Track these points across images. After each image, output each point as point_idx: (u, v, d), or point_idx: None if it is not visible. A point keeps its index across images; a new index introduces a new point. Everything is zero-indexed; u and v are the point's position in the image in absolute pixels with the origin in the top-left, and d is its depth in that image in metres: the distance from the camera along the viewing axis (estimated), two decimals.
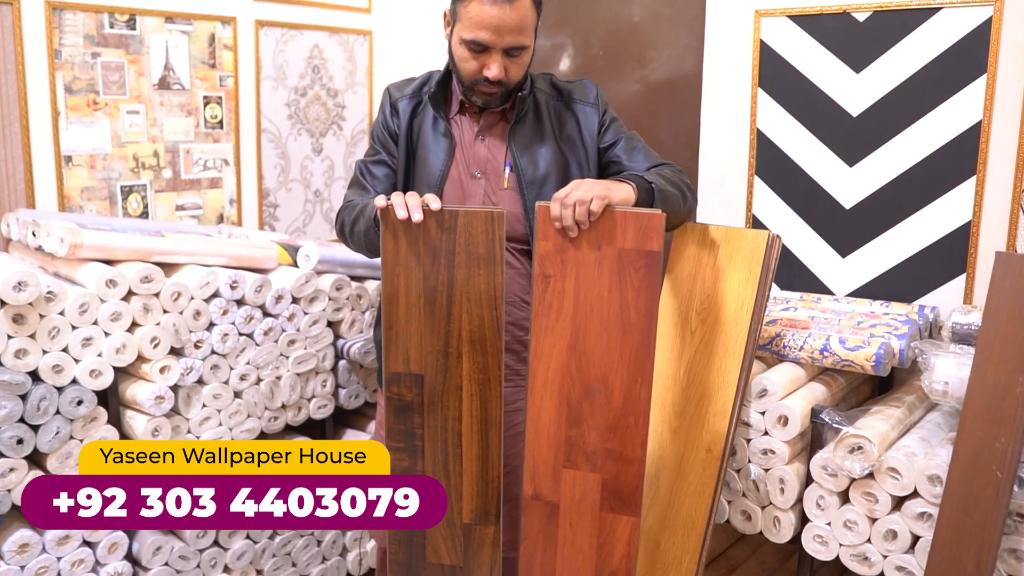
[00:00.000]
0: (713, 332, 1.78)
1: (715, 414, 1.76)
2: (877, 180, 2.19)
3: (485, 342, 1.48)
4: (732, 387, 1.75)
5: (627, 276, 1.43)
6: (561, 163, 1.75)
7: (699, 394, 1.78)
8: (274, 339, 2.35)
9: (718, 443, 1.76)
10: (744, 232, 1.80)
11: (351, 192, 1.78)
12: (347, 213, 1.70)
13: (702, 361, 1.79)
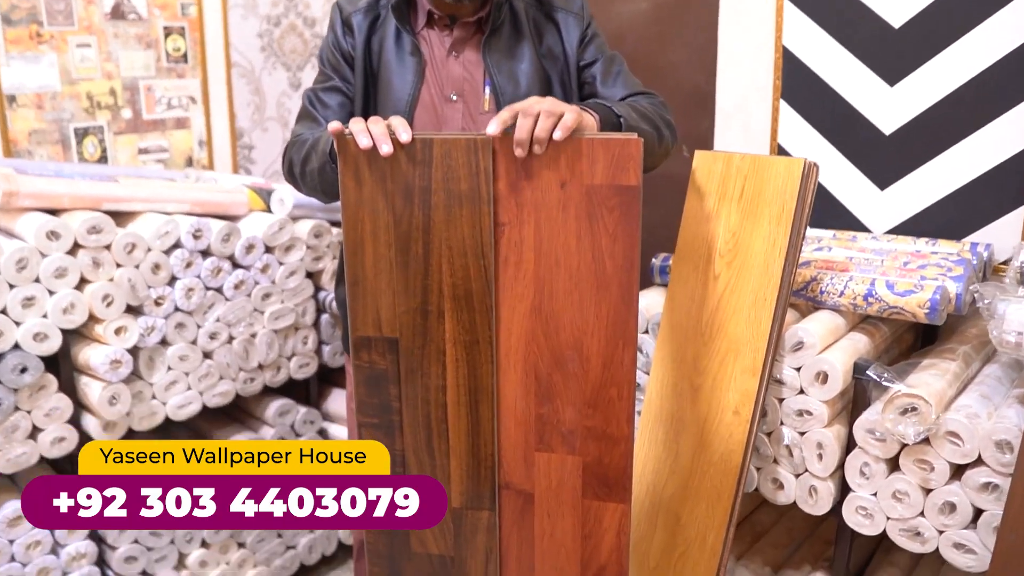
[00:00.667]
0: (740, 278, 1.55)
1: (743, 371, 1.53)
2: (922, 101, 1.91)
3: (471, 297, 1.24)
4: (763, 340, 1.52)
5: (599, 219, 1.19)
6: (542, 79, 1.49)
7: (724, 349, 1.56)
8: (246, 293, 2.12)
9: (747, 404, 1.53)
10: (775, 160, 1.55)
11: (299, 126, 1.52)
12: (295, 150, 1.44)
13: (727, 311, 1.56)
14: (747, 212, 1.56)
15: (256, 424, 2.29)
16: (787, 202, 1.52)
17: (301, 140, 1.43)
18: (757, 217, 1.55)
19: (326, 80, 1.51)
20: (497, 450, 1.31)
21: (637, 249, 1.20)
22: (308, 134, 1.45)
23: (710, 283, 1.58)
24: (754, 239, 1.55)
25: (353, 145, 1.20)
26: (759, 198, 1.55)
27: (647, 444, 1.63)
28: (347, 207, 1.24)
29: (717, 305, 1.57)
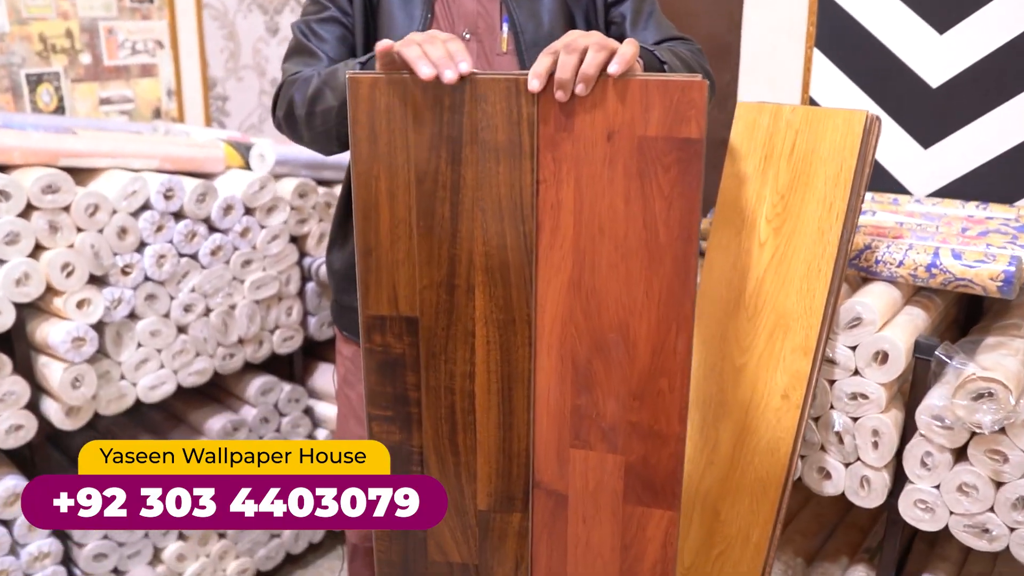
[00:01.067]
0: (790, 244, 1.38)
1: (794, 350, 1.37)
2: (974, 51, 1.74)
3: (507, 269, 1.05)
4: (817, 316, 1.35)
5: (652, 178, 1.00)
6: (566, 17, 1.31)
7: (772, 324, 1.39)
8: (224, 260, 1.91)
9: (798, 388, 1.37)
10: (832, 112, 1.38)
11: (293, 63, 1.29)
12: (298, 88, 1.22)
13: (775, 282, 1.39)
14: (799, 171, 1.38)
15: (236, 404, 2.09)
16: (846, 160, 1.35)
17: (304, 76, 1.22)
18: (811, 177, 1.37)
19: (321, 9, 1.29)
20: (532, 445, 1.13)
21: (697, 216, 1.02)
22: (310, 70, 1.23)
23: (755, 251, 1.41)
24: (807, 202, 1.37)
25: (367, 85, 1.00)
26: (813, 155, 1.37)
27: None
28: (358, 162, 1.04)
29: (763, 275, 1.40)
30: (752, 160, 1.42)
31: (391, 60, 1.00)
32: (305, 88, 1.19)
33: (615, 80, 0.97)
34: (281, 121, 1.26)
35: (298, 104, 1.20)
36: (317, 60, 1.26)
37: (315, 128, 1.19)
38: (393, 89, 1.01)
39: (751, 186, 1.41)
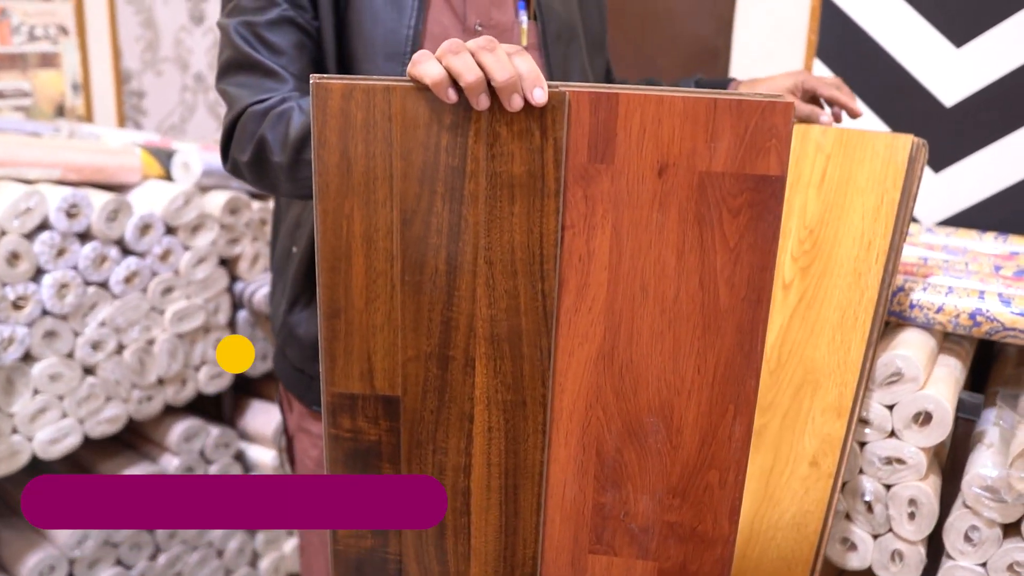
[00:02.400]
0: (821, 288, 1.19)
1: (825, 410, 1.18)
2: (995, 67, 1.59)
3: (519, 338, 0.82)
4: (853, 372, 1.17)
5: (716, 225, 0.79)
6: (578, 9, 1.10)
7: (799, 380, 1.19)
8: (141, 288, 1.62)
9: (829, 454, 1.18)
10: (873, 137, 1.20)
11: (241, 87, 0.99)
12: (270, 127, 0.93)
13: (803, 330, 1.20)
14: (831, 203, 1.20)
15: (155, 452, 1.80)
16: (888, 192, 1.17)
17: (277, 110, 0.93)
18: (845, 210, 1.19)
19: (266, 6, 0.99)
20: (540, 552, 0.90)
21: (771, 273, 0.80)
22: (277, 98, 0.95)
23: (778, 293, 1.22)
24: (841, 239, 1.19)
25: (338, 94, 0.75)
26: (848, 185, 1.19)
27: None
28: (325, 196, 0.79)
29: (788, 323, 1.21)
30: None
31: (326, 87, 0.75)
32: (283, 127, 0.92)
33: (673, 99, 0.75)
34: (243, 167, 0.97)
35: (274, 148, 0.93)
36: (277, 80, 0.97)
37: (301, 180, 0.93)
38: (373, 100, 0.77)
39: None
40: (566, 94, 0.75)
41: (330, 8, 0.99)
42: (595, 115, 0.76)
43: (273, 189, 0.99)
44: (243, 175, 1.00)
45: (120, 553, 1.71)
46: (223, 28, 1.02)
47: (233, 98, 1.00)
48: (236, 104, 0.99)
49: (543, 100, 0.73)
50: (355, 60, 1.02)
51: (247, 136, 0.96)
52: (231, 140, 0.99)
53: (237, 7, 1.02)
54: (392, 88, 0.77)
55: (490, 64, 0.71)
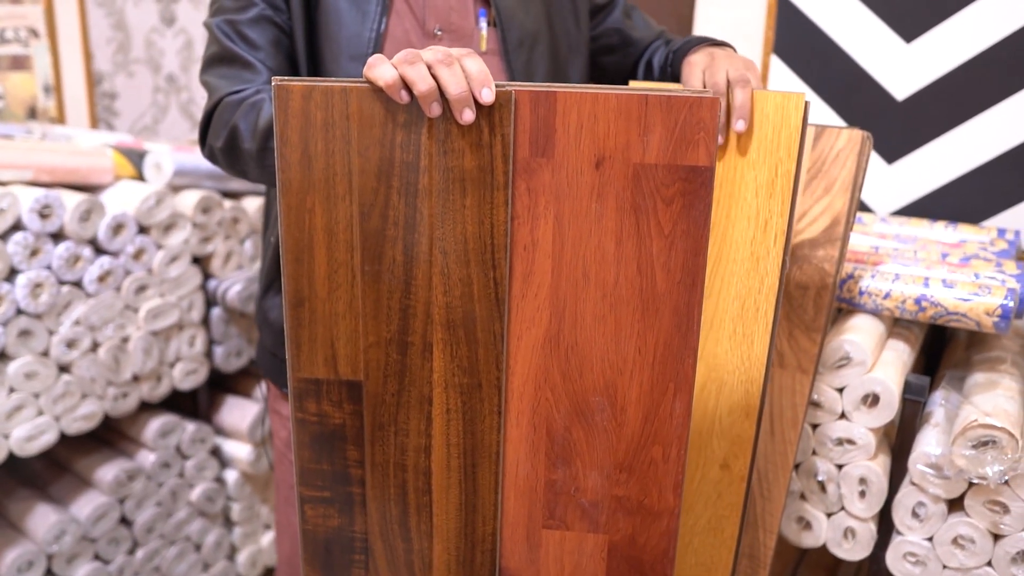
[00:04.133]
0: (716, 275, 1.08)
1: (732, 410, 1.11)
2: (944, 62, 1.64)
3: (473, 324, 0.86)
4: (759, 367, 1.09)
5: (651, 214, 0.83)
6: (547, 16, 1.14)
7: (701, 379, 1.12)
8: (115, 286, 1.65)
9: (740, 456, 1.12)
10: (762, 97, 1.03)
11: (221, 78, 1.06)
12: (243, 116, 1.00)
13: (705, 321, 1.10)
14: (719, 179, 1.06)
15: (132, 448, 1.83)
16: (783, 162, 1.03)
17: (251, 100, 0.99)
18: (736, 186, 1.06)
19: (246, 6, 1.06)
20: (500, 528, 0.95)
21: (704, 258, 0.85)
22: (252, 89, 1.01)
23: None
24: (734, 219, 1.07)
25: (299, 95, 0.79)
26: (737, 157, 1.05)
27: None
28: (288, 192, 0.83)
29: None
30: None
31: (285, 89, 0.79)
32: (254, 116, 0.97)
33: (607, 96, 0.79)
34: (217, 152, 1.03)
35: (245, 136, 0.98)
36: (254, 72, 1.03)
37: (268, 166, 0.97)
38: (331, 101, 0.80)
39: None
40: (512, 93, 0.79)
41: (301, 10, 1.04)
42: (535, 112, 0.80)
43: (244, 175, 1.05)
44: (218, 161, 1.05)
45: (98, 548, 1.74)
46: (208, 26, 1.09)
47: (212, 88, 1.06)
48: (215, 93, 1.05)
49: (490, 99, 0.77)
50: (323, 60, 1.07)
51: (222, 124, 1.02)
52: (209, 127, 1.04)
53: (221, 8, 1.09)
54: (349, 89, 0.80)
55: (445, 78, 0.76)
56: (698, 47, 1.17)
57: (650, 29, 1.32)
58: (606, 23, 1.24)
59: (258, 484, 2.00)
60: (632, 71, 1.34)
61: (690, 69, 1.10)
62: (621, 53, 1.31)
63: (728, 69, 1.03)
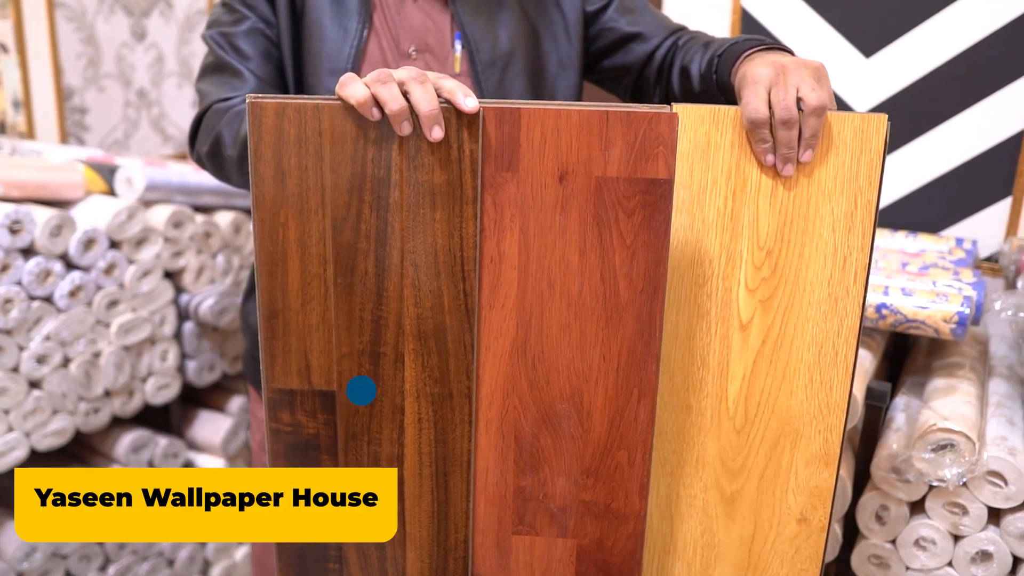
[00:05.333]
0: (789, 322, 0.96)
1: (809, 462, 1.00)
2: (902, 76, 1.69)
3: (444, 334, 0.88)
4: (838, 414, 0.98)
5: (612, 225, 0.86)
6: (528, 34, 1.15)
7: (773, 435, 1.00)
8: (86, 301, 1.65)
9: (819, 507, 1.02)
10: (838, 119, 0.91)
11: (213, 85, 1.09)
12: (227, 124, 1.02)
13: (772, 377, 0.98)
14: (791, 213, 0.94)
15: (103, 463, 1.82)
16: (863, 191, 0.92)
17: (236, 109, 1.02)
18: (810, 221, 0.93)
19: (239, 19, 1.09)
20: (472, 535, 0.96)
21: (665, 267, 0.88)
22: (239, 98, 1.03)
23: (735, 337, 0.98)
24: (808, 258, 0.95)
25: (272, 111, 0.81)
26: (812, 187, 0.93)
27: None
28: (261, 206, 0.85)
29: (751, 370, 0.98)
30: (711, 198, 0.95)
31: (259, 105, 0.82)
32: (236, 124, 1.00)
33: (569, 112, 0.82)
34: (204, 158, 1.06)
35: (227, 143, 1.01)
36: (243, 81, 1.07)
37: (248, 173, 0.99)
38: (304, 117, 0.82)
39: (714, 239, 0.96)
40: (480, 109, 0.81)
41: (288, 23, 1.07)
42: (500, 128, 0.82)
43: (228, 180, 1.08)
44: (205, 165, 1.08)
45: (69, 565, 1.73)
46: (205, 39, 1.12)
47: (204, 95, 1.09)
48: (205, 100, 1.08)
49: (474, 107, 0.80)
50: (306, 74, 1.10)
51: (208, 130, 1.05)
52: (198, 132, 1.06)
53: (217, 20, 1.13)
54: (321, 106, 0.82)
55: (416, 96, 0.79)
56: (752, 53, 1.00)
57: (660, 25, 1.19)
58: (598, 24, 1.19)
59: None
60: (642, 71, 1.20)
61: (752, 87, 0.90)
62: (621, 52, 1.21)
63: (800, 86, 0.87)
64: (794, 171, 0.90)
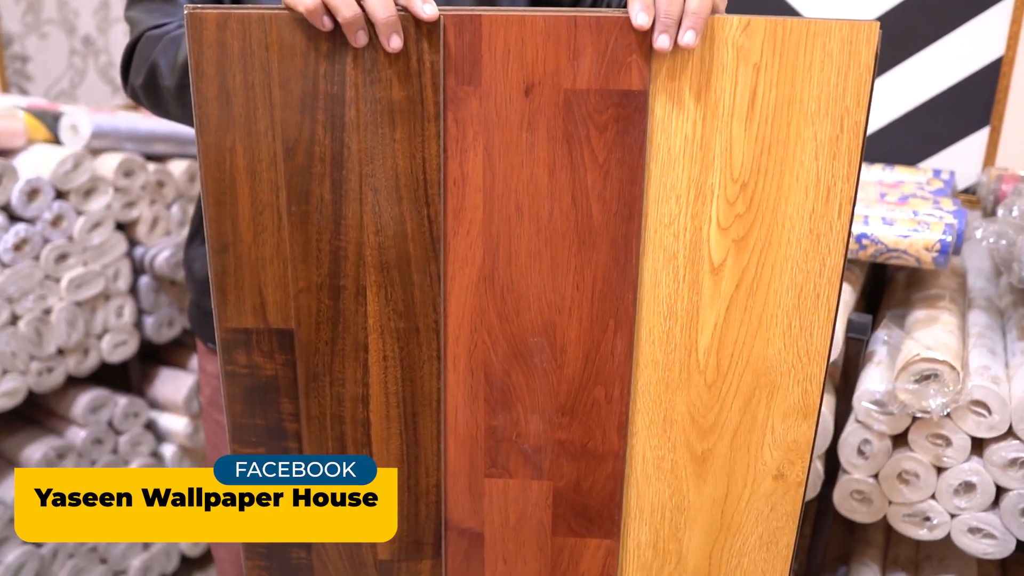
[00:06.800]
0: (765, 262, 0.85)
1: (786, 414, 0.92)
2: (876, 4, 1.64)
3: (408, 264, 0.82)
4: (819, 361, 0.90)
5: (584, 142, 0.80)
6: None
7: (748, 388, 0.91)
8: (33, 255, 1.57)
9: (797, 462, 0.95)
10: (822, 27, 0.78)
11: (144, 11, 1.00)
12: (163, 51, 0.93)
13: (747, 325, 0.89)
14: (769, 140, 0.82)
15: (61, 425, 1.75)
16: (851, 111, 0.80)
17: (172, 35, 0.94)
18: (790, 147, 0.82)
19: None
20: (444, 479, 0.92)
21: (641, 187, 0.82)
22: (176, 23, 0.95)
23: (705, 281, 0.87)
24: (788, 190, 0.83)
25: (214, 23, 0.74)
26: (792, 109, 0.80)
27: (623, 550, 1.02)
28: (205, 130, 0.78)
29: (723, 319, 0.88)
30: (680, 124, 0.82)
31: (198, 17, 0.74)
32: (173, 51, 0.91)
33: (535, 18, 0.76)
34: (138, 90, 0.98)
35: (164, 72, 0.92)
36: (175, 6, 0.98)
37: (189, 104, 0.91)
38: (249, 29, 0.75)
39: (683, 171, 0.83)
40: (441, 18, 0.75)
41: None
42: (460, 37, 0.76)
43: (167, 114, 1.00)
44: (140, 100, 1.00)
45: None
46: None
47: (135, 23, 1.00)
48: (136, 28, 0.99)
49: (433, 14, 0.73)
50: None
51: (142, 60, 0.96)
52: (131, 65, 0.99)
53: None
54: (267, 16, 0.75)
55: (372, 2, 0.71)
56: None
57: None
58: None
59: (197, 457, 1.93)
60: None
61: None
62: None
63: None
64: (669, 46, 0.75)
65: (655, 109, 0.81)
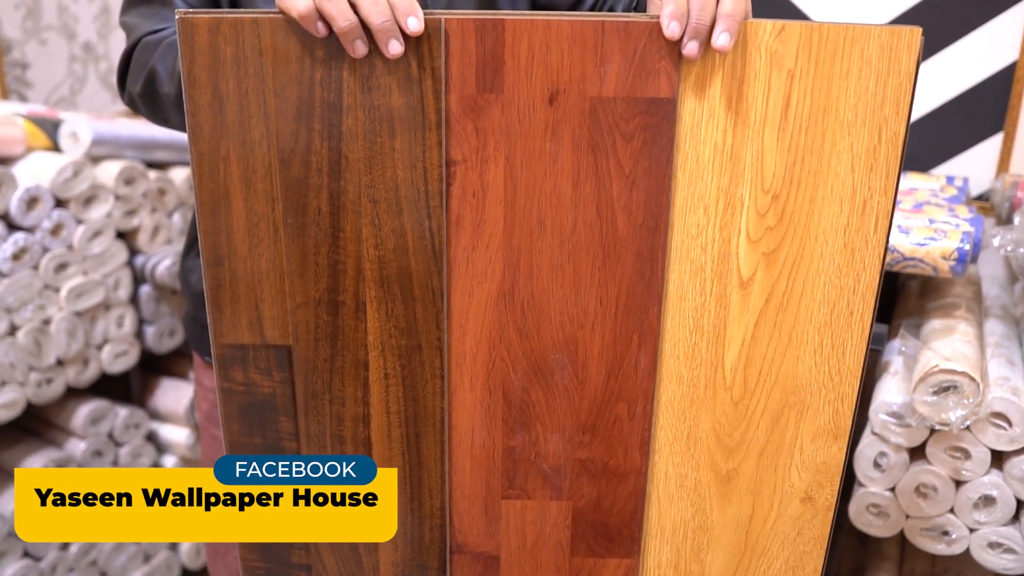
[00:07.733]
0: (796, 277, 0.83)
1: (815, 435, 0.89)
2: (889, 8, 1.61)
3: (409, 279, 0.79)
4: (851, 380, 0.87)
5: (609, 152, 0.77)
6: None
7: (776, 407, 0.88)
8: (32, 265, 1.54)
9: (826, 485, 0.92)
10: (860, 33, 0.75)
11: (141, 16, 0.98)
12: (161, 58, 0.91)
13: (776, 341, 0.86)
14: (802, 150, 0.78)
15: (60, 437, 1.73)
16: (889, 121, 0.77)
17: (169, 41, 0.91)
18: (825, 159, 0.79)
19: None
20: (448, 501, 0.89)
21: (667, 198, 0.79)
22: (172, 30, 0.93)
23: (733, 295, 0.84)
24: (821, 203, 0.80)
25: (206, 29, 0.71)
26: (827, 118, 0.77)
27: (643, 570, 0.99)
28: (198, 138, 0.75)
29: (752, 334, 0.85)
30: (709, 133, 0.78)
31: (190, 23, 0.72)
32: (172, 57, 0.89)
33: (560, 23, 0.73)
34: (136, 97, 0.95)
35: (163, 79, 0.90)
36: (172, 11, 0.95)
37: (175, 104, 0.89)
38: (242, 34, 0.73)
39: (712, 181, 0.80)
40: (441, 21, 0.72)
41: None
42: (481, 43, 0.73)
43: (166, 122, 0.98)
44: (138, 108, 0.98)
45: (27, 544, 1.64)
46: None
47: (130, 28, 0.98)
48: (132, 34, 0.97)
49: (418, 29, 0.70)
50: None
51: (139, 67, 0.94)
52: (127, 71, 0.96)
53: None
54: (261, 20, 0.73)
55: (367, 8, 0.69)
56: None
57: None
58: None
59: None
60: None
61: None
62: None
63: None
64: (698, 54, 0.73)
65: (684, 116, 0.78)
